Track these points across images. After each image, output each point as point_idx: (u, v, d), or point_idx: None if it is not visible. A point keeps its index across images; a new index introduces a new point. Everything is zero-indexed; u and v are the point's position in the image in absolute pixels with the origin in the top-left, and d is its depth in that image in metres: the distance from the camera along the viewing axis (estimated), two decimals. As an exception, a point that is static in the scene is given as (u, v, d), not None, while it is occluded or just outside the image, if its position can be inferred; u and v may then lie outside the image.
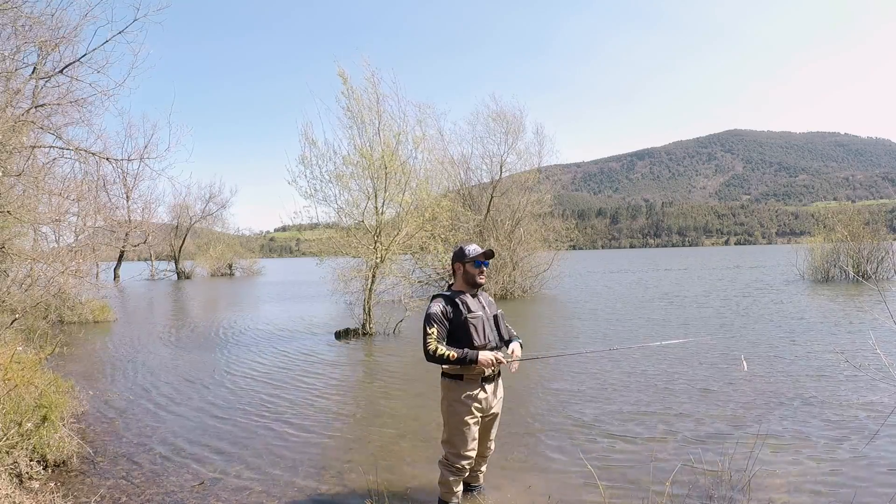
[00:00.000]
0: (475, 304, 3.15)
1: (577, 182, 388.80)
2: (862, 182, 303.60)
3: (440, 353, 2.94)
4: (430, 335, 2.97)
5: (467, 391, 3.07)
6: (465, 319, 3.05)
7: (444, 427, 3.16)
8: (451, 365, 2.98)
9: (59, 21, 8.88)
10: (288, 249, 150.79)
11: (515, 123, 19.14)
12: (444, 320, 3.04)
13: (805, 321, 10.41)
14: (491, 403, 3.16)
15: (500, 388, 3.27)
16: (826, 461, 3.84)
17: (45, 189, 9.22)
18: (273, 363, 8.04)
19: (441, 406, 3.19)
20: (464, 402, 3.06)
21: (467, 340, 3.04)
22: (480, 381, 3.09)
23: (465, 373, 3.07)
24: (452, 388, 3.10)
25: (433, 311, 3.04)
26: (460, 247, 3.24)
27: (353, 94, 10.01)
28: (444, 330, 3.03)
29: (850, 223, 19.50)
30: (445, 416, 3.15)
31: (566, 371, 6.86)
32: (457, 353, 2.96)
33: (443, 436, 3.18)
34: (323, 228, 10.88)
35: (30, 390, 4.23)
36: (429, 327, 2.99)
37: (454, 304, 3.10)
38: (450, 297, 3.13)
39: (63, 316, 12.39)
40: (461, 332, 3.05)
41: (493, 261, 16.97)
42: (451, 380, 3.12)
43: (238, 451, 4.38)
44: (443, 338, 3.02)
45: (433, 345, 2.95)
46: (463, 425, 3.06)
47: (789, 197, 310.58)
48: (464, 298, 3.13)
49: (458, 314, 3.07)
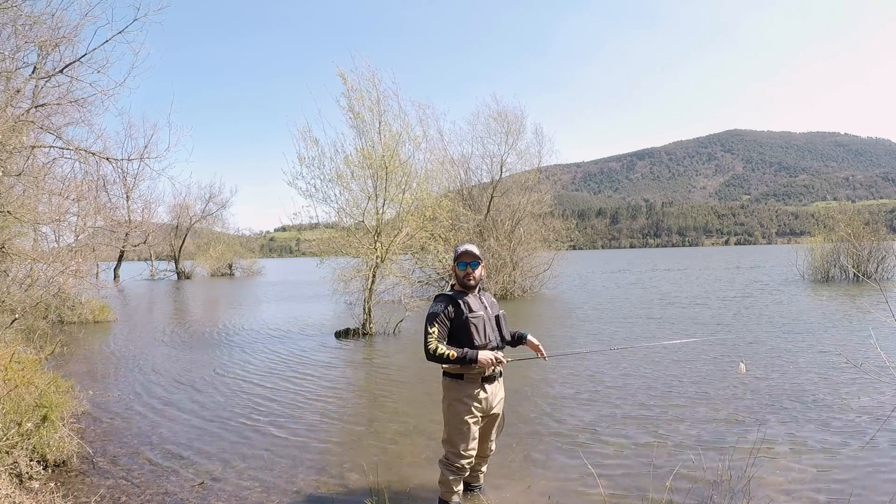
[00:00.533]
0: (477, 304, 3.16)
1: (577, 182, 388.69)
2: (862, 182, 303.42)
3: (440, 352, 2.97)
4: (431, 334, 2.99)
5: (468, 391, 3.08)
6: (466, 319, 3.07)
7: (445, 426, 3.17)
8: (451, 364, 3.00)
9: (59, 21, 8.90)
10: (288, 249, 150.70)
11: (516, 123, 19.17)
12: (445, 320, 3.06)
13: (805, 321, 10.41)
14: (492, 403, 3.16)
15: (502, 389, 3.28)
16: (826, 463, 3.84)
17: (45, 189, 9.23)
18: (273, 363, 8.04)
19: (442, 405, 3.21)
20: (464, 402, 3.08)
21: (468, 340, 3.06)
22: (481, 380, 3.10)
23: (466, 372, 3.08)
24: (453, 387, 3.12)
25: (434, 310, 3.08)
26: (456, 247, 3.27)
27: (353, 95, 10.03)
28: (445, 329, 3.05)
29: (850, 223, 19.50)
30: (446, 416, 3.16)
31: (566, 372, 6.87)
32: (457, 352, 2.98)
33: (443, 435, 3.19)
34: (323, 228, 10.87)
35: (30, 390, 4.23)
36: (430, 327, 3.02)
37: (456, 303, 3.12)
38: (452, 296, 3.15)
39: (63, 316, 12.40)
40: (462, 332, 3.07)
41: (493, 261, 17.02)
42: (451, 379, 3.13)
43: (238, 450, 4.38)
44: (444, 337, 3.04)
45: (433, 344, 2.98)
46: (463, 425, 3.08)
47: (789, 197, 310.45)
48: (466, 299, 3.15)
49: (459, 314, 3.09)
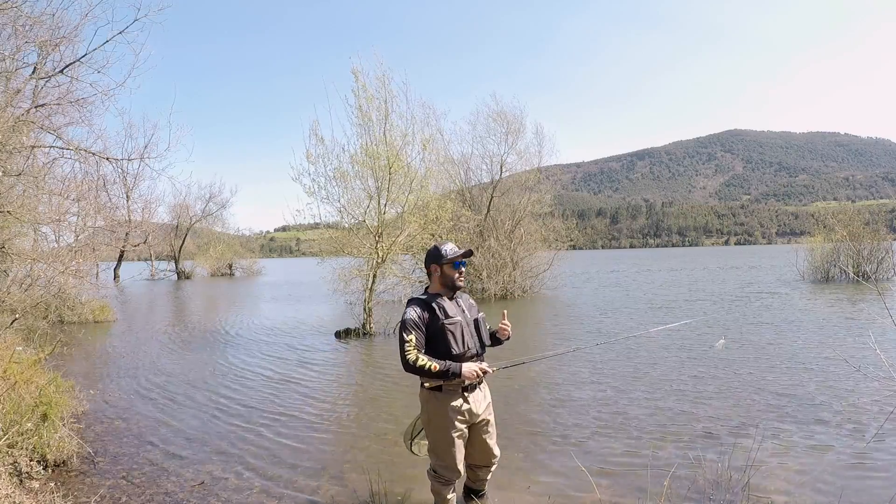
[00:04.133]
0: (453, 309, 2.93)
1: (577, 182, 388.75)
2: (862, 182, 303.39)
3: (420, 363, 2.73)
4: (409, 342, 2.76)
5: (447, 403, 2.88)
6: (443, 325, 2.85)
7: (428, 439, 3.01)
8: (433, 378, 2.79)
9: (60, 21, 8.89)
10: (288, 249, 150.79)
11: (516, 123, 19.15)
12: (421, 326, 2.83)
13: (804, 321, 10.40)
14: (476, 411, 2.96)
15: (487, 394, 3.09)
16: (825, 461, 3.84)
17: (45, 189, 9.23)
18: (273, 363, 8.04)
19: (422, 418, 3.03)
20: (445, 415, 2.88)
21: (445, 348, 2.84)
22: (461, 390, 2.90)
23: (445, 383, 2.86)
24: (431, 400, 2.92)
25: (409, 316, 2.83)
26: (435, 247, 3.00)
27: (364, 93, 9.98)
28: (422, 337, 2.83)
29: (850, 223, 19.50)
30: (427, 429, 2.99)
31: (564, 371, 6.87)
32: (439, 364, 2.75)
33: (428, 444, 3.03)
34: (324, 228, 10.87)
35: (30, 389, 4.23)
36: (406, 334, 2.78)
37: (430, 308, 2.88)
38: (426, 301, 2.92)
39: (63, 316, 12.40)
40: (438, 340, 2.85)
41: (493, 261, 17.02)
42: (429, 391, 2.91)
43: (238, 450, 4.39)
44: (421, 345, 2.82)
45: (413, 354, 2.74)
46: (445, 439, 2.90)
47: (789, 197, 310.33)
48: (441, 303, 2.92)
49: (434, 319, 2.86)
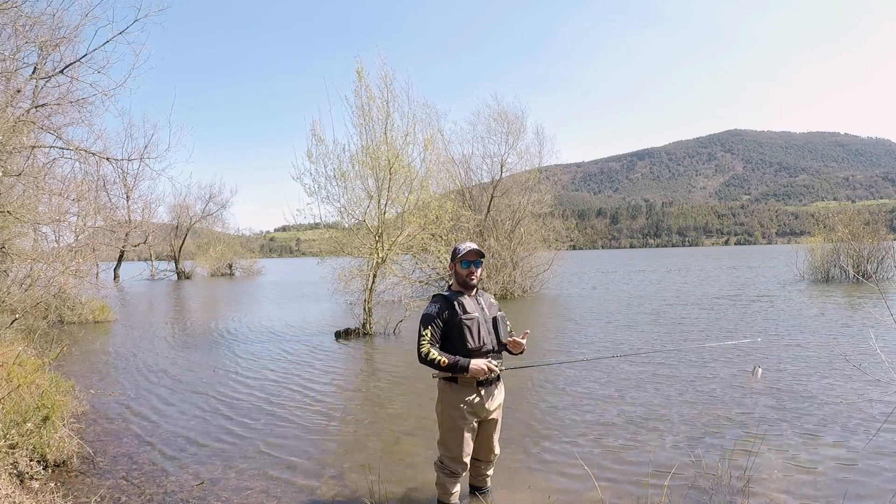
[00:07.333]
0: (472, 306, 3.08)
1: (577, 182, 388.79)
2: (862, 182, 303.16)
3: (431, 356, 2.90)
4: (424, 337, 2.94)
5: (462, 395, 3.01)
6: (460, 321, 2.99)
7: (439, 429, 3.13)
8: (442, 371, 2.94)
9: (60, 21, 8.91)
10: (288, 249, 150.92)
11: (516, 123, 19.17)
12: (439, 322, 2.99)
13: (805, 321, 10.41)
14: (487, 408, 3.07)
15: (501, 393, 3.20)
16: (826, 463, 3.84)
17: (45, 189, 9.23)
18: (273, 363, 8.04)
19: (436, 407, 3.16)
20: (457, 408, 3.02)
21: (461, 343, 2.98)
22: (476, 384, 3.02)
23: (460, 377, 3.01)
24: (447, 391, 3.06)
25: (428, 311, 3.02)
26: (455, 246, 3.18)
27: (366, 92, 9.96)
28: (438, 332, 2.98)
29: (850, 223, 19.50)
30: (439, 419, 3.12)
31: (566, 372, 6.87)
32: (448, 358, 2.90)
33: (438, 436, 3.15)
34: (324, 228, 10.86)
35: (31, 390, 4.23)
36: (423, 329, 2.97)
37: (451, 304, 3.04)
38: (447, 297, 3.08)
39: (63, 316, 12.40)
40: (455, 334, 2.99)
41: (493, 261, 17.01)
42: (446, 382, 3.07)
43: (238, 450, 4.39)
44: (437, 340, 2.97)
45: (425, 347, 2.92)
46: (455, 430, 3.03)
47: (789, 197, 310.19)
48: (461, 300, 3.06)
49: (453, 315, 3.01)
